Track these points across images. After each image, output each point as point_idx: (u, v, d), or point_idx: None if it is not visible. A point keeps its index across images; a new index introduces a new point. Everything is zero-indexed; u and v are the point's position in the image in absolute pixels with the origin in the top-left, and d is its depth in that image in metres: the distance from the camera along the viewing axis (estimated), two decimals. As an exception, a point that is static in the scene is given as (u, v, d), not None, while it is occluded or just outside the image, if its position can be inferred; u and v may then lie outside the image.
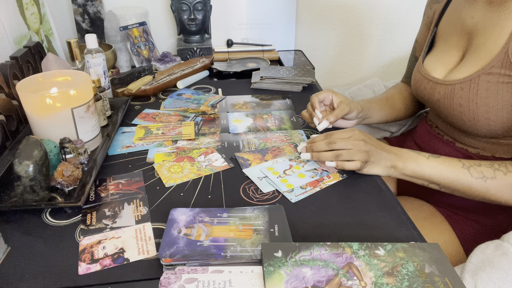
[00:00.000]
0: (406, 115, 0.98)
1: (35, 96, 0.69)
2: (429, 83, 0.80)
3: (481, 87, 0.69)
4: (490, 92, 0.68)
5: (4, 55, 0.86)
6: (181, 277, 0.49)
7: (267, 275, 0.48)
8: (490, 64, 0.68)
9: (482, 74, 0.69)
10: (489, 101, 0.68)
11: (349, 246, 0.51)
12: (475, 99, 0.70)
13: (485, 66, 0.69)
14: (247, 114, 0.93)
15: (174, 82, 1.07)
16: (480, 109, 0.70)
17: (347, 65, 1.54)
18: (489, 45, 0.70)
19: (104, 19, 1.17)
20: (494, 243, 0.59)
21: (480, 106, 0.69)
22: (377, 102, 0.93)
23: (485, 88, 0.69)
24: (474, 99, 0.70)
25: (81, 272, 0.51)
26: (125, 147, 0.79)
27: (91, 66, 0.90)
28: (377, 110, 0.91)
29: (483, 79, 0.69)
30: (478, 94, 0.69)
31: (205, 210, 0.60)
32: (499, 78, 0.67)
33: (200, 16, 1.20)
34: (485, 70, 0.69)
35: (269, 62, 1.23)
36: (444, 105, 0.76)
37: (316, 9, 1.40)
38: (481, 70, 0.69)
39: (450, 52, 0.80)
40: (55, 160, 0.67)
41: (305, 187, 0.67)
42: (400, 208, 0.63)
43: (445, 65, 0.80)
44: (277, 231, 0.56)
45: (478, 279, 0.55)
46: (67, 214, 0.62)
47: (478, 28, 0.74)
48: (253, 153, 0.77)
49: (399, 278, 0.47)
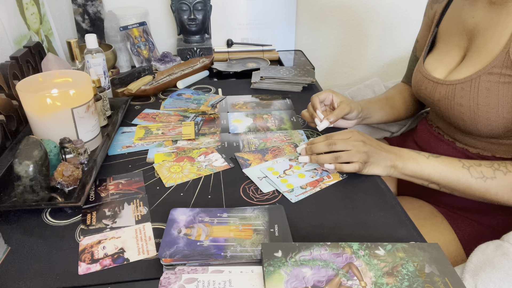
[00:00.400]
0: (406, 115, 0.98)
1: (35, 96, 0.69)
2: (429, 83, 0.80)
3: (482, 87, 0.69)
4: (491, 92, 0.68)
5: (4, 55, 0.86)
6: (181, 277, 0.49)
7: (267, 275, 0.48)
8: (491, 64, 0.68)
9: (483, 74, 0.69)
10: (490, 101, 0.68)
11: (349, 246, 0.51)
12: (475, 99, 0.70)
13: (486, 66, 0.69)
14: (247, 114, 0.93)
15: (174, 82, 1.07)
16: (480, 109, 0.70)
17: (347, 65, 1.54)
18: (490, 45, 0.70)
19: (104, 19, 1.17)
20: (494, 243, 0.59)
21: (481, 106, 0.69)
22: (377, 102, 0.93)
23: (486, 88, 0.69)
24: (474, 99, 0.70)
25: (81, 272, 0.51)
26: (125, 147, 0.79)
27: (91, 66, 0.90)
28: (377, 110, 0.91)
29: (484, 79, 0.69)
30: (479, 94, 0.69)
31: (205, 210, 0.60)
32: (500, 78, 0.67)
33: (200, 16, 1.20)
34: (486, 70, 0.69)
35: (269, 62, 1.23)
36: (444, 105, 0.76)
37: (316, 9, 1.40)
38: (482, 70, 0.69)
39: (451, 52, 0.80)
40: (55, 160, 0.67)
41: (305, 187, 0.67)
42: (400, 208, 0.63)
43: (446, 65, 0.80)
44: (277, 231, 0.56)
45: (479, 279, 0.55)
46: (67, 214, 0.62)
47: (479, 28, 0.74)
48: (253, 153, 0.77)
49: (399, 278, 0.47)
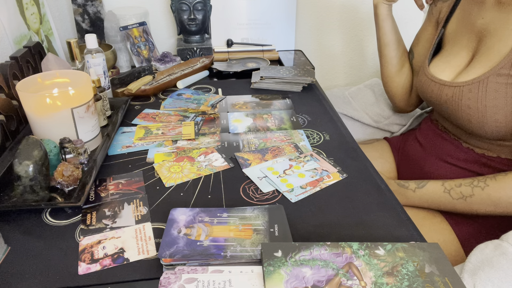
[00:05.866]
0: (407, 90, 1.00)
1: (35, 96, 0.69)
2: (435, 85, 0.79)
3: (490, 88, 0.69)
4: (499, 94, 0.68)
5: (4, 55, 0.86)
6: (181, 277, 0.49)
7: (267, 275, 0.48)
8: (499, 65, 0.68)
9: (491, 75, 0.69)
10: (498, 103, 0.68)
11: (349, 246, 0.52)
12: (483, 100, 0.70)
13: (494, 67, 0.68)
14: (247, 114, 0.93)
15: (174, 82, 1.07)
16: (488, 110, 0.70)
17: (347, 65, 1.54)
18: (499, 46, 0.70)
19: (104, 19, 1.17)
20: (493, 243, 0.59)
21: (489, 108, 0.69)
22: (400, 39, 0.99)
23: (494, 89, 0.68)
24: (482, 100, 0.70)
25: (81, 272, 0.51)
26: (125, 147, 0.79)
27: (91, 66, 0.90)
28: (396, 35, 0.98)
29: (492, 80, 0.69)
30: (487, 95, 0.69)
31: (205, 210, 0.60)
32: (508, 79, 0.67)
33: (200, 16, 1.20)
34: (494, 71, 0.68)
35: (269, 62, 1.23)
36: (451, 107, 0.76)
37: (316, 9, 1.40)
38: (490, 71, 0.69)
39: (459, 54, 0.79)
40: (55, 160, 0.67)
41: (305, 187, 0.67)
42: (400, 208, 0.63)
43: (454, 67, 0.79)
44: (277, 231, 0.56)
45: (477, 279, 0.55)
46: (67, 214, 0.62)
47: (488, 29, 0.73)
48: (253, 153, 0.77)
49: (399, 278, 0.47)
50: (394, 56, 0.97)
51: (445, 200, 0.75)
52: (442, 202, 0.76)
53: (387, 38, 0.96)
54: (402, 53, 0.98)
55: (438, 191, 0.76)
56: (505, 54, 0.68)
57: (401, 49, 0.98)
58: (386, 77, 1.01)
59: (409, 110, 1.04)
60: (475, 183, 0.71)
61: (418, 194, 0.78)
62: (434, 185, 0.77)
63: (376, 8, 0.95)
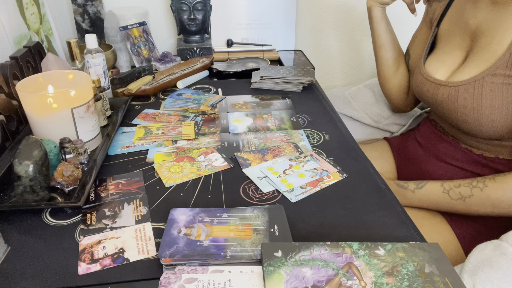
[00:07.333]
0: (403, 89, 1.00)
1: (35, 96, 0.69)
2: (431, 85, 0.79)
3: (486, 88, 0.69)
4: (495, 94, 0.68)
5: (4, 55, 0.86)
6: (181, 277, 0.49)
7: (267, 275, 0.48)
8: (495, 65, 0.68)
9: (486, 75, 0.69)
10: (494, 103, 0.68)
11: (349, 246, 0.52)
12: (479, 100, 0.70)
13: (490, 67, 0.69)
14: (247, 114, 0.93)
15: (174, 82, 1.07)
16: (484, 110, 0.70)
17: (347, 65, 1.54)
18: (494, 46, 0.70)
19: (104, 19, 1.17)
20: (493, 243, 0.59)
21: (485, 108, 0.69)
22: (395, 39, 0.99)
23: (490, 89, 0.69)
24: (478, 100, 0.70)
25: (81, 272, 0.51)
26: (125, 147, 0.79)
27: (91, 66, 0.90)
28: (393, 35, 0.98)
29: (487, 80, 0.69)
30: (482, 95, 0.69)
31: (205, 210, 0.60)
32: (504, 79, 0.67)
33: (200, 16, 1.20)
34: (490, 71, 0.68)
35: (269, 62, 1.23)
36: (447, 107, 0.76)
37: (316, 9, 1.40)
38: (485, 71, 0.69)
39: (453, 53, 0.80)
40: (55, 160, 0.67)
41: (305, 187, 0.67)
42: (400, 208, 0.63)
43: (448, 66, 0.79)
44: (277, 231, 0.56)
45: (477, 279, 0.55)
46: (67, 214, 0.62)
47: (482, 29, 0.73)
48: (253, 153, 0.77)
49: (399, 278, 0.47)
50: (390, 57, 0.98)
51: (444, 200, 0.75)
52: (441, 202, 0.76)
53: (382, 40, 0.97)
54: (397, 54, 0.98)
55: (437, 191, 0.76)
56: (500, 54, 0.68)
57: (397, 50, 0.98)
58: (383, 78, 1.01)
59: (407, 110, 1.05)
60: (474, 184, 0.71)
61: (417, 194, 0.78)
62: (433, 186, 0.77)
63: (370, 11, 0.96)
